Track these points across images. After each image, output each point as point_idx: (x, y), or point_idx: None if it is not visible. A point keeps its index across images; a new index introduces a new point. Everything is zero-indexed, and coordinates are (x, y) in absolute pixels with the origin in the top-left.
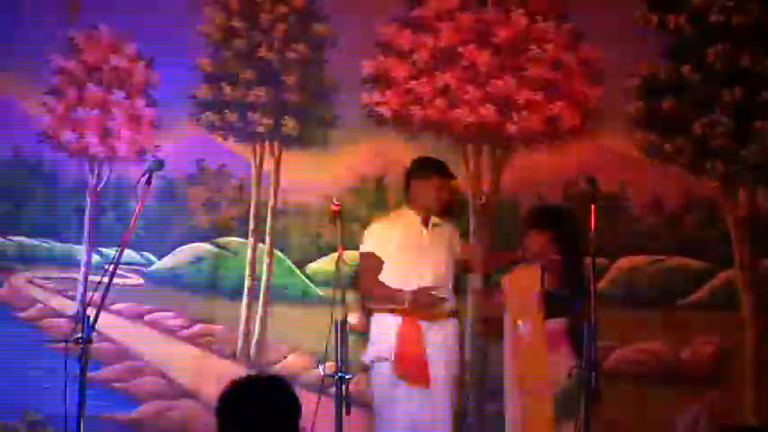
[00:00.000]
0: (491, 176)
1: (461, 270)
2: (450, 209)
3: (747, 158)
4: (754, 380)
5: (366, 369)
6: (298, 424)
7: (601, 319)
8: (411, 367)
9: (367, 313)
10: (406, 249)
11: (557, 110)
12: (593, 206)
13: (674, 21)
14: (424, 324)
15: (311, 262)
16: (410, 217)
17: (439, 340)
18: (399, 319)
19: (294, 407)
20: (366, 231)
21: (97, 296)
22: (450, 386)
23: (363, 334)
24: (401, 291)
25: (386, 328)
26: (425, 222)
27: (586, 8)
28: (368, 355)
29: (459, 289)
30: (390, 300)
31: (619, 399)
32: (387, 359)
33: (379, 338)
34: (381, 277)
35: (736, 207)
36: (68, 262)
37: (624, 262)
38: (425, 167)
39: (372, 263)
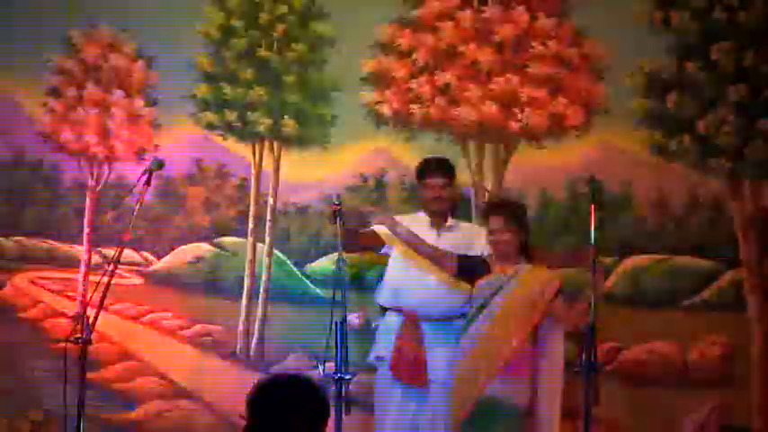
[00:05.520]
0: (494, 175)
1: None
2: (454, 209)
3: (753, 156)
4: (762, 380)
5: (374, 369)
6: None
7: (606, 319)
8: (407, 367)
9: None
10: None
11: (560, 107)
12: (592, 206)
13: (678, 18)
14: (426, 324)
15: (311, 262)
16: (421, 219)
17: (442, 340)
18: (401, 318)
19: (324, 411)
20: None
21: (97, 296)
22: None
23: (364, 334)
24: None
25: (387, 328)
26: (437, 225)
27: (589, 5)
28: (370, 355)
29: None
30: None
31: (625, 400)
32: (384, 359)
33: (380, 338)
34: (386, 275)
35: (743, 206)
36: (69, 262)
37: (629, 262)
38: (421, 169)
39: (371, 233)
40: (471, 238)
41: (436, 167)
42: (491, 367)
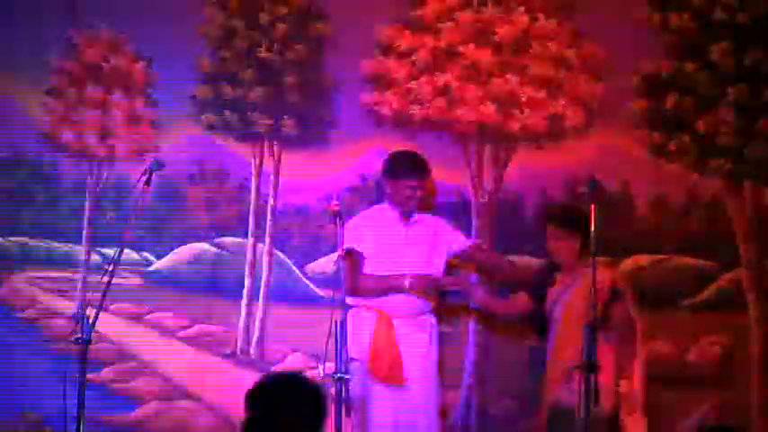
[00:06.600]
0: (493, 175)
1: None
2: (428, 204)
3: (753, 156)
4: (762, 380)
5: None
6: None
7: None
8: (385, 366)
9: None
10: (383, 246)
11: (559, 108)
12: (592, 206)
13: (677, 18)
14: (397, 322)
15: (311, 262)
16: (388, 213)
17: (414, 338)
18: (373, 316)
19: (320, 411)
20: (345, 227)
21: (97, 296)
22: (428, 385)
23: None
24: (401, 276)
25: (359, 328)
26: (405, 219)
27: (588, 6)
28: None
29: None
30: (391, 288)
31: None
32: (358, 359)
33: (352, 338)
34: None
35: (742, 206)
36: (68, 262)
37: (629, 262)
38: (396, 168)
39: (353, 259)
40: (437, 231)
41: (414, 168)
42: (557, 373)
